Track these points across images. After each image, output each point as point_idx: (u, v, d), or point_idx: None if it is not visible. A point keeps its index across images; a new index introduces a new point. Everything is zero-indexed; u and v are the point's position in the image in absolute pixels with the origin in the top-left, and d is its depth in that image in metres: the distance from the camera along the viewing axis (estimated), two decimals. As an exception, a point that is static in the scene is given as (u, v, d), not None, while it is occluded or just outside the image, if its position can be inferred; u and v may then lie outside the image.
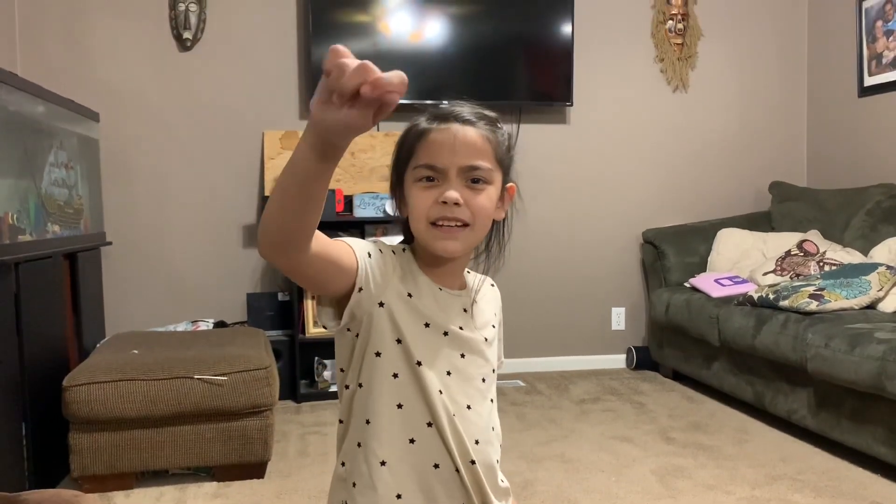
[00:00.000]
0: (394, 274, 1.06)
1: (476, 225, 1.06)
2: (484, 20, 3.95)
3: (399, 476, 1.05)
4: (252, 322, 3.73)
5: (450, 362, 1.07)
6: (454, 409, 1.07)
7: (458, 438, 1.06)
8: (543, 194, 4.17)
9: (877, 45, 3.89)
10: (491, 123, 1.10)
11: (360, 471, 1.06)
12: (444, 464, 1.06)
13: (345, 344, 1.08)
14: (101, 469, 2.42)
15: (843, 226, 3.70)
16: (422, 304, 1.06)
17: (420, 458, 1.05)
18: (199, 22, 3.75)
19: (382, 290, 1.03)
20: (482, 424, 1.10)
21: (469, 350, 1.09)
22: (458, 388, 1.08)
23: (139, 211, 3.76)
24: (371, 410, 1.05)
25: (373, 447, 1.05)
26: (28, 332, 2.36)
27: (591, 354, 4.26)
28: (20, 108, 2.47)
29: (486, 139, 1.07)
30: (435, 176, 1.05)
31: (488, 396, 1.13)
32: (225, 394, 2.47)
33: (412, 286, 1.07)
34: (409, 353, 1.05)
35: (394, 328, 1.04)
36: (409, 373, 1.05)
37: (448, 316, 1.08)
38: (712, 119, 4.37)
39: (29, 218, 2.48)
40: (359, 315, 1.03)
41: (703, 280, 3.73)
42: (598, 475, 2.58)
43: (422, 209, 1.05)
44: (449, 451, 1.06)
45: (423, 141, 1.06)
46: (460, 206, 1.03)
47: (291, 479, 2.55)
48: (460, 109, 1.08)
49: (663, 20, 4.27)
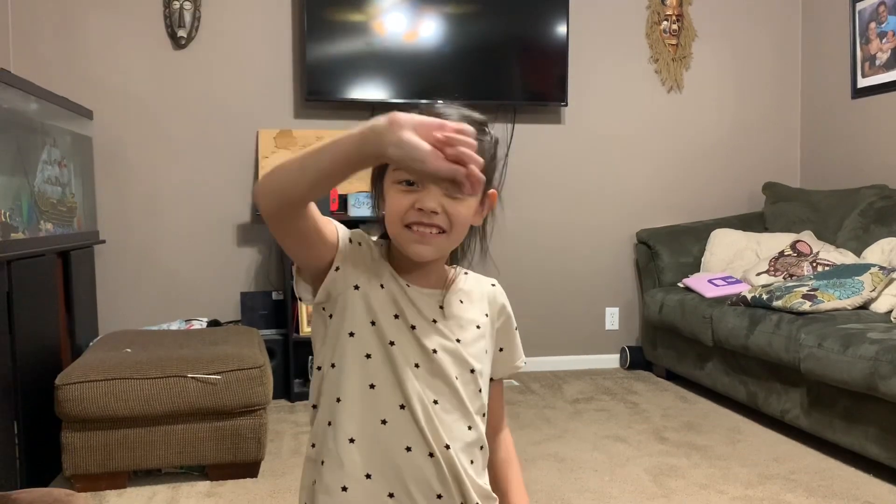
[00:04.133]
0: (371, 263, 1.07)
1: (452, 233, 1.05)
2: (479, 20, 3.95)
3: (368, 456, 1.04)
4: (246, 321, 3.73)
5: (417, 356, 1.06)
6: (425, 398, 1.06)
7: (431, 425, 1.05)
8: (538, 194, 4.17)
9: (870, 46, 3.91)
10: (478, 129, 1.07)
11: (328, 448, 1.06)
12: (416, 447, 1.05)
13: (320, 323, 1.10)
14: (93, 468, 2.41)
15: (836, 226, 3.71)
16: (392, 295, 1.07)
17: (391, 439, 1.04)
18: (194, 20, 3.74)
19: (358, 274, 1.06)
20: (452, 424, 1.07)
21: (440, 346, 1.08)
22: (425, 381, 1.06)
23: (133, 209, 3.75)
24: (342, 390, 1.06)
25: (342, 424, 1.05)
26: (20, 331, 2.35)
27: (585, 354, 4.27)
28: (13, 105, 2.46)
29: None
30: (414, 180, 1.04)
31: (463, 397, 1.09)
32: (218, 393, 2.46)
33: (385, 278, 1.08)
34: (382, 335, 1.05)
35: (368, 311, 1.05)
36: (383, 354, 1.05)
37: (417, 311, 1.08)
38: (706, 119, 4.38)
39: (22, 216, 2.47)
40: (334, 295, 1.06)
41: (696, 280, 3.74)
42: (592, 475, 2.58)
43: (397, 212, 1.04)
44: (423, 435, 1.05)
45: None
46: (438, 213, 1.03)
47: (285, 478, 2.55)
48: (447, 114, 1.07)
49: (658, 21, 4.28)
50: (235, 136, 3.83)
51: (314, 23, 3.74)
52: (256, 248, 3.89)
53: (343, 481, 1.04)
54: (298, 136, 3.82)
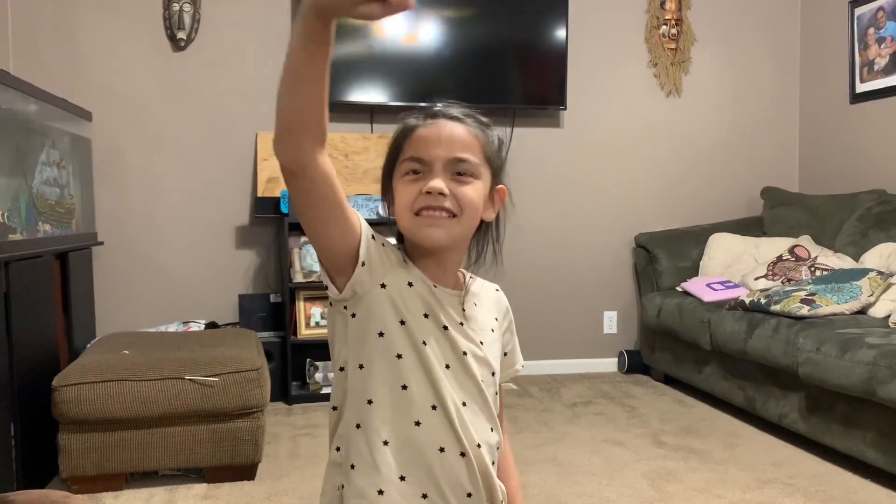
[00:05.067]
0: (395, 263, 1.06)
1: (463, 216, 1.05)
2: (478, 23, 3.96)
3: (403, 458, 1.03)
4: (244, 323, 3.72)
5: (448, 357, 1.06)
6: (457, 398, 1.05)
7: (463, 425, 1.05)
8: (536, 198, 4.17)
9: (869, 51, 3.92)
10: (480, 122, 1.10)
11: (359, 452, 1.04)
12: (449, 448, 1.04)
13: (341, 323, 1.07)
14: (90, 470, 2.40)
15: (834, 231, 3.71)
16: (422, 294, 1.06)
17: (426, 440, 1.04)
18: (193, 22, 3.75)
19: (384, 271, 1.04)
20: (479, 424, 1.08)
21: (469, 349, 1.08)
22: (455, 383, 1.06)
23: (131, 211, 3.75)
24: (373, 391, 1.04)
25: (375, 426, 1.03)
26: (18, 332, 2.34)
27: (583, 358, 4.27)
28: (12, 106, 2.46)
29: (474, 135, 1.07)
30: (420, 169, 1.05)
31: (488, 398, 1.10)
32: (216, 395, 2.46)
33: (412, 277, 1.07)
34: (412, 335, 1.04)
35: (396, 310, 1.04)
36: (414, 354, 1.04)
37: (446, 312, 1.07)
38: (705, 124, 4.39)
39: (20, 217, 2.47)
40: (360, 293, 1.03)
41: (695, 284, 3.74)
42: (590, 478, 2.58)
43: (406, 201, 1.04)
44: (456, 435, 1.04)
45: (410, 136, 1.07)
46: (445, 195, 1.03)
47: (282, 480, 2.54)
48: (450, 108, 1.09)
49: (657, 25, 4.28)
50: (234, 139, 3.83)
51: (314, 25, 3.73)
52: (255, 251, 3.89)
53: (379, 485, 1.03)
54: (297, 138, 3.82)
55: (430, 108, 1.09)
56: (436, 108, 1.09)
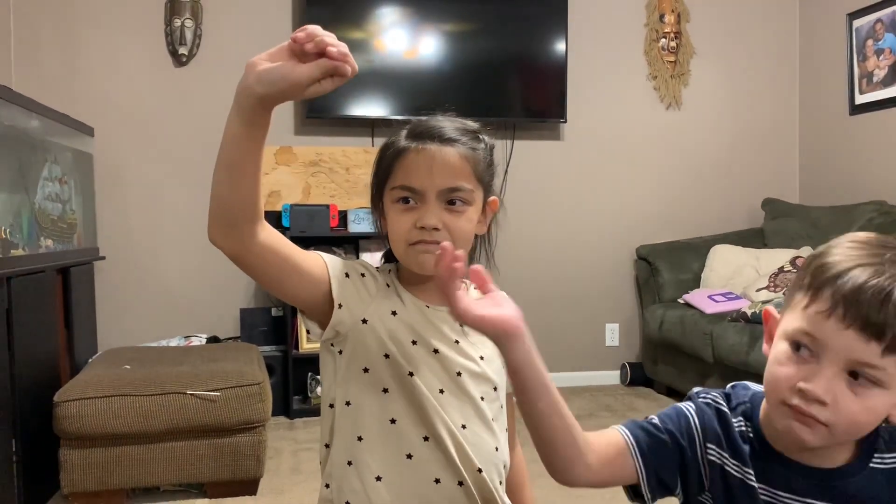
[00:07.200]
0: (376, 293, 1.04)
1: (456, 246, 1.03)
2: (478, 37, 3.97)
3: (397, 492, 1.02)
4: (245, 337, 3.71)
5: (442, 380, 1.04)
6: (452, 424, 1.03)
7: (461, 451, 1.03)
8: (537, 210, 4.17)
9: (867, 63, 3.93)
10: (472, 139, 1.06)
11: (352, 488, 1.03)
12: (445, 478, 1.03)
13: (329, 361, 1.07)
14: (91, 485, 2.39)
15: (835, 242, 3.71)
16: (408, 320, 1.04)
17: (419, 473, 1.02)
18: (195, 37, 3.77)
19: (364, 307, 1.02)
20: (481, 446, 1.06)
21: (464, 368, 1.06)
22: (452, 406, 1.04)
23: (133, 226, 3.76)
24: (362, 427, 1.03)
25: (366, 462, 1.03)
26: (19, 347, 2.34)
27: (585, 370, 4.26)
28: (14, 122, 2.47)
29: (466, 159, 1.04)
30: (412, 198, 1.02)
31: (489, 416, 1.08)
32: (217, 410, 2.45)
33: (397, 304, 1.05)
34: (398, 367, 1.02)
35: (380, 344, 1.02)
36: (401, 387, 1.02)
37: (439, 333, 1.05)
38: (705, 136, 4.40)
39: (22, 232, 2.47)
40: (342, 332, 1.02)
41: (696, 296, 3.74)
42: (593, 493, 2.56)
43: (400, 232, 1.03)
44: (451, 464, 1.02)
45: (400, 161, 1.04)
46: (439, 230, 1.01)
47: (284, 496, 2.53)
48: (440, 127, 1.05)
49: (656, 38, 4.30)
50: (236, 153, 3.83)
51: (315, 40, 3.75)
52: (256, 265, 3.88)
53: None
54: (299, 152, 3.83)
55: (419, 126, 1.06)
56: (424, 125, 1.06)
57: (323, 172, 3.85)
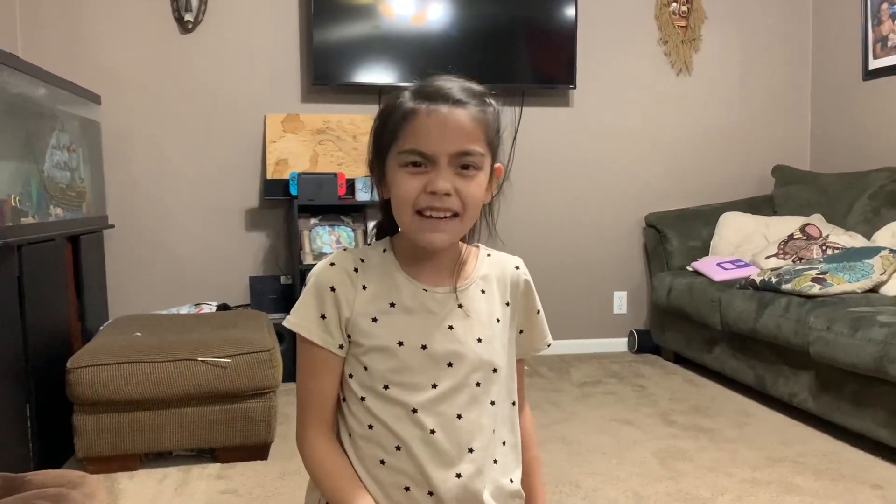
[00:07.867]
0: (355, 301, 1.04)
1: (466, 215, 1.01)
2: (487, 2, 3.92)
3: (373, 492, 1.04)
4: (255, 305, 3.74)
5: (432, 375, 1.03)
6: (436, 423, 1.02)
7: (437, 459, 1.02)
8: (546, 177, 4.16)
9: (882, 27, 3.87)
10: (481, 101, 1.02)
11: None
12: (415, 487, 1.03)
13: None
14: (105, 450, 2.43)
15: (845, 210, 3.69)
16: (393, 321, 1.03)
17: (390, 479, 1.03)
18: (201, 4, 3.73)
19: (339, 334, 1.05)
20: (477, 431, 1.05)
21: (456, 356, 1.04)
22: (444, 399, 1.03)
23: (141, 194, 3.76)
24: (350, 426, 1.07)
25: (351, 456, 1.07)
26: (31, 315, 2.37)
27: (593, 338, 4.27)
28: (22, 90, 2.47)
29: (478, 121, 1.00)
30: (423, 162, 0.98)
31: (486, 399, 1.06)
32: (228, 376, 2.48)
33: (386, 296, 1.04)
34: (373, 380, 1.03)
35: (357, 360, 1.05)
36: (375, 398, 1.04)
37: (432, 322, 1.04)
38: (716, 102, 4.35)
39: (31, 200, 2.48)
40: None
41: (705, 264, 3.73)
42: (600, 457, 2.59)
43: (408, 197, 0.99)
44: (423, 473, 1.02)
45: (409, 123, 0.99)
46: (451, 196, 0.98)
47: (294, 460, 2.56)
48: (449, 87, 1.00)
49: (667, 3, 4.24)
50: (243, 121, 3.83)
51: (321, 6, 3.72)
52: (265, 233, 3.90)
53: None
54: (306, 120, 3.82)
55: (428, 87, 1.01)
56: (433, 85, 1.01)
57: (330, 140, 3.83)
